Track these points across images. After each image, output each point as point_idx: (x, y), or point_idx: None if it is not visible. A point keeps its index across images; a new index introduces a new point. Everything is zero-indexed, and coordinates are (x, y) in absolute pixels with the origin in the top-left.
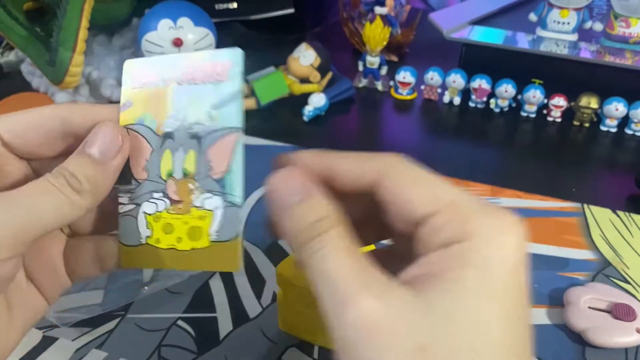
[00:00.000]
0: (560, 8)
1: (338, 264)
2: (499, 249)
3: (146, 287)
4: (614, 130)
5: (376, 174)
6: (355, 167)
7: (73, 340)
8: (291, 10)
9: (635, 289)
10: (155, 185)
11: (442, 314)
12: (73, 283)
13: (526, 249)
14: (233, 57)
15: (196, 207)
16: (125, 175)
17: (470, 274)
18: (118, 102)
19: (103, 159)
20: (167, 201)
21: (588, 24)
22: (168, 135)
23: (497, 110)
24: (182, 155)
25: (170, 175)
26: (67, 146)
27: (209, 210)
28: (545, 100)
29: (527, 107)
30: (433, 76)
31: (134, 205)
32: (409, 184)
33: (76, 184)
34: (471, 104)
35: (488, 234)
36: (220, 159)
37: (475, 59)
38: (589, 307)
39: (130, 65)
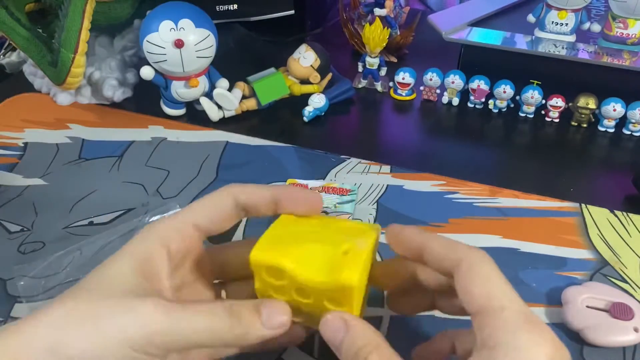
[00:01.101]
0: (559, 9)
1: None
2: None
3: None
4: (611, 130)
5: (456, 261)
6: (443, 250)
7: None
8: (291, 12)
9: (633, 288)
10: None
11: None
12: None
13: None
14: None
15: None
16: None
17: None
18: (118, 102)
19: (268, 327)
20: None
21: (586, 25)
22: None
23: (496, 110)
24: None
25: None
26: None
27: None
28: (544, 101)
29: (525, 107)
30: (432, 77)
31: None
32: (477, 278)
33: (241, 333)
34: (470, 105)
35: (525, 348)
36: None
37: (474, 60)
38: (587, 307)
39: None
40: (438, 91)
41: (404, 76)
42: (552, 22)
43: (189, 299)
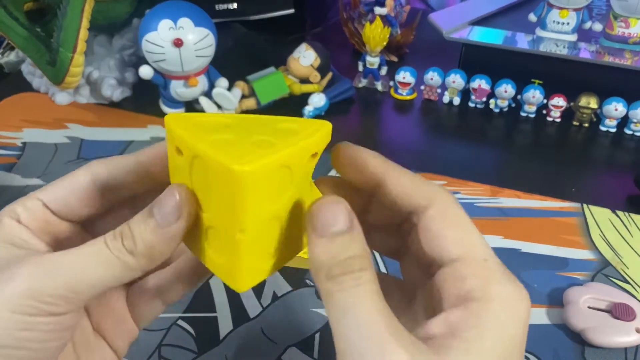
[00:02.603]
0: (560, 8)
1: (372, 309)
2: (514, 315)
3: None
4: (613, 130)
5: (426, 200)
6: (411, 185)
7: None
8: (291, 11)
9: (634, 288)
10: None
11: None
12: (140, 329)
13: (529, 317)
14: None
15: None
16: None
17: (488, 335)
18: (117, 101)
19: (162, 222)
20: None
21: (587, 24)
22: None
23: (497, 110)
24: None
25: None
26: (112, 201)
27: None
28: (545, 101)
29: (526, 107)
30: (433, 76)
31: None
32: (452, 222)
33: (130, 246)
34: (471, 104)
35: (507, 300)
36: None
37: (475, 59)
38: (589, 307)
39: None
40: (439, 90)
41: (405, 75)
42: (554, 21)
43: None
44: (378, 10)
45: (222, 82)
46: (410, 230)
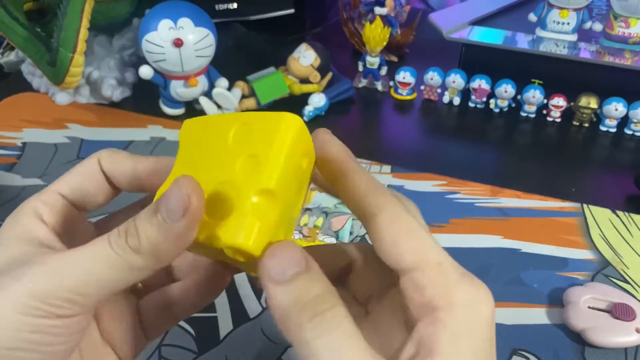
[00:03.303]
0: (560, 8)
1: (357, 351)
2: (480, 318)
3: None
4: (613, 130)
5: (376, 208)
6: (365, 189)
7: None
8: (291, 11)
9: (634, 288)
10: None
11: None
12: (148, 341)
13: (494, 315)
14: None
15: (318, 240)
16: None
17: (461, 344)
18: (117, 101)
19: (168, 219)
20: (301, 235)
21: (588, 24)
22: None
23: (497, 110)
24: (314, 218)
25: (305, 224)
26: (117, 193)
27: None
28: (545, 101)
29: (526, 107)
30: (433, 76)
31: None
32: (402, 229)
33: (135, 244)
34: (471, 104)
35: (470, 303)
36: (337, 224)
37: (475, 59)
38: (589, 307)
39: None
40: (439, 90)
41: (405, 75)
42: (554, 21)
43: None
44: (378, 10)
45: (222, 82)
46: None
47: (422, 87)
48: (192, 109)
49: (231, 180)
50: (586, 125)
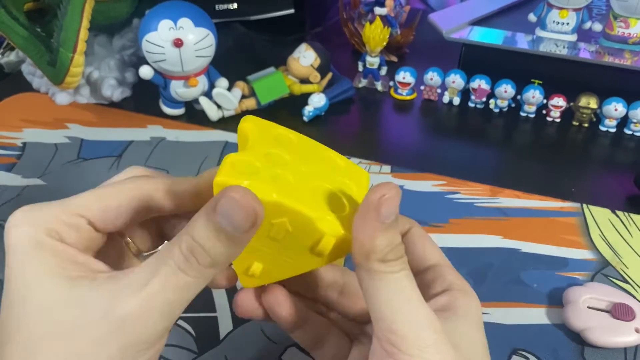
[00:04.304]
0: (560, 8)
1: (415, 289)
2: (476, 299)
3: None
4: (613, 130)
5: (409, 224)
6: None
7: None
8: (291, 11)
9: (634, 288)
10: None
11: (460, 334)
12: None
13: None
14: None
15: None
16: None
17: (471, 311)
18: (117, 101)
19: (236, 233)
20: None
21: (587, 25)
22: None
23: (497, 110)
24: None
25: None
26: (149, 216)
27: None
28: (545, 101)
29: (526, 107)
30: (433, 76)
31: None
32: (426, 239)
33: (207, 262)
34: (471, 104)
35: (469, 289)
36: None
37: (475, 60)
38: (588, 307)
39: None
40: (439, 91)
41: (405, 75)
42: (553, 21)
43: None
44: (378, 10)
45: (222, 82)
46: None
47: (422, 87)
48: (192, 109)
49: (335, 188)
50: (586, 125)
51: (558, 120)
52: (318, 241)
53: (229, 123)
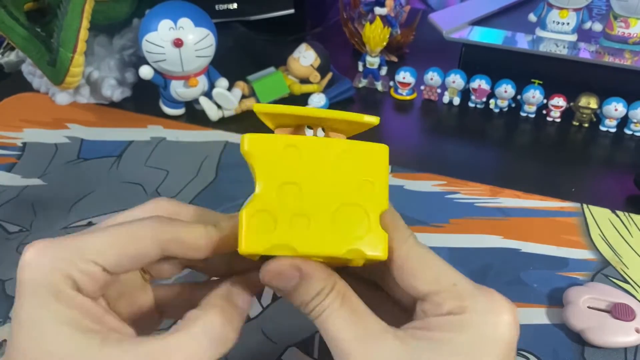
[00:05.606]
0: (560, 8)
1: (340, 321)
2: (493, 326)
3: None
4: (613, 130)
5: (392, 246)
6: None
7: None
8: (291, 11)
9: (634, 288)
10: None
11: None
12: (162, 319)
13: (517, 331)
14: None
15: None
16: None
17: (460, 339)
18: (117, 101)
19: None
20: None
21: (587, 25)
22: None
23: (497, 110)
24: None
25: None
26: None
27: None
28: (545, 101)
29: (526, 107)
30: (433, 76)
31: None
32: (416, 264)
33: (232, 336)
34: (471, 104)
35: (483, 311)
36: None
37: (475, 60)
38: (589, 307)
39: None
40: (439, 91)
41: (405, 75)
42: (554, 21)
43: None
44: (378, 10)
45: (222, 82)
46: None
47: (422, 87)
48: (192, 109)
49: (355, 202)
50: (586, 125)
51: (558, 120)
52: (349, 261)
53: (229, 123)
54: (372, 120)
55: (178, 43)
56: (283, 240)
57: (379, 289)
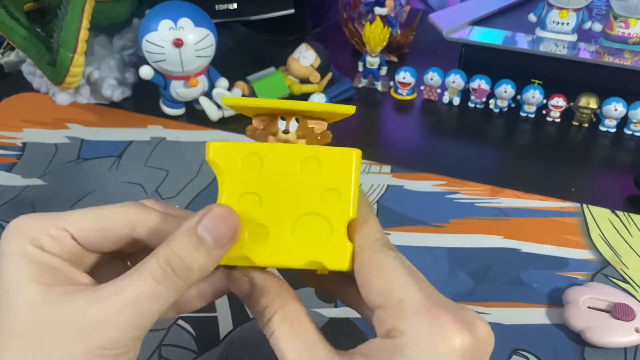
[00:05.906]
0: (560, 8)
1: (287, 346)
2: (431, 356)
3: None
4: (613, 130)
5: (355, 251)
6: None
7: None
8: (291, 11)
9: (634, 288)
10: None
11: None
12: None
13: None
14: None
15: None
16: None
17: None
18: (117, 101)
19: (215, 248)
20: None
21: (587, 25)
22: None
23: (497, 110)
24: None
25: None
26: (133, 245)
27: None
28: (545, 101)
29: (526, 107)
30: (433, 76)
31: None
32: (372, 272)
33: (185, 274)
34: (471, 105)
35: (420, 338)
36: None
37: (475, 60)
38: (588, 307)
39: None
40: (439, 91)
41: (405, 75)
42: (554, 21)
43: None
44: (378, 10)
45: (222, 82)
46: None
47: (422, 87)
48: (192, 109)
49: (318, 211)
50: (586, 125)
51: (558, 120)
52: (313, 270)
53: (229, 123)
54: (338, 108)
55: (178, 43)
56: (240, 252)
57: None
